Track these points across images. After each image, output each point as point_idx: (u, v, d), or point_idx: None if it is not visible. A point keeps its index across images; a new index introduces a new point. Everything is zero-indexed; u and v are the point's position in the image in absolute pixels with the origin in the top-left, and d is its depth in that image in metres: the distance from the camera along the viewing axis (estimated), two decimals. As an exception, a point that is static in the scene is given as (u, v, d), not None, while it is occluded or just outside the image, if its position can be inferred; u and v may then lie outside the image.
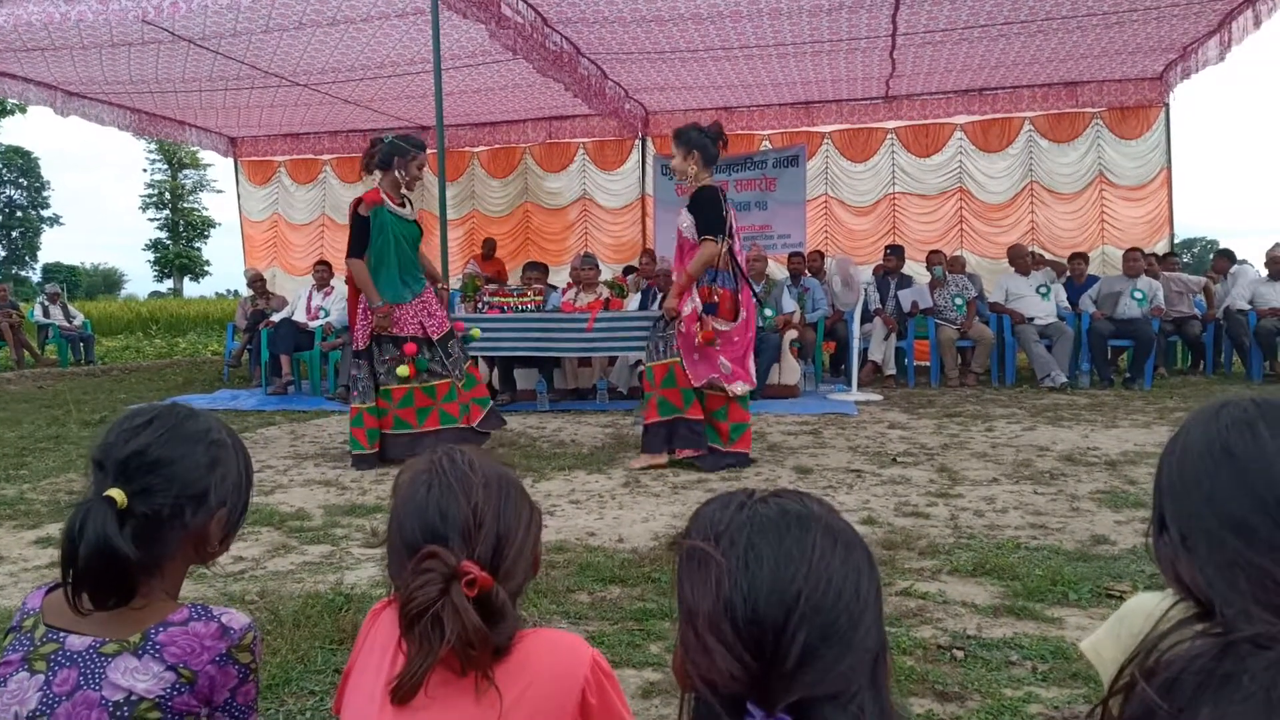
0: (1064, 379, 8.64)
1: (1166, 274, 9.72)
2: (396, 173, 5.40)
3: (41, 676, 1.18)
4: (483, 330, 7.89)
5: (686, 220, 5.12)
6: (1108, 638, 1.15)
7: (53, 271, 51.86)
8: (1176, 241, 11.34)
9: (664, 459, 5.23)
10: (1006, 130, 11.37)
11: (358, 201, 5.38)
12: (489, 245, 11.93)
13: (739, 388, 5.16)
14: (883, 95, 11.34)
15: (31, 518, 4.24)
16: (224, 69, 9.65)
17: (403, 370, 5.32)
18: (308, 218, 14.01)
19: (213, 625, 1.24)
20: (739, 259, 5.22)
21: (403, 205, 5.48)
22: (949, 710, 2.16)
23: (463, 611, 1.07)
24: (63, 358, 13.06)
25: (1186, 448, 0.96)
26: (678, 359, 5.14)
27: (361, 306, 5.44)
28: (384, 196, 5.37)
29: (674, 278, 5.33)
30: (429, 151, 5.53)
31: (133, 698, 1.17)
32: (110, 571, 1.17)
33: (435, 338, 5.46)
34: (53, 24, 7.51)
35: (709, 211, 5.04)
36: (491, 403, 5.88)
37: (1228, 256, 10.42)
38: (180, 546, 1.29)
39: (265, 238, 14.21)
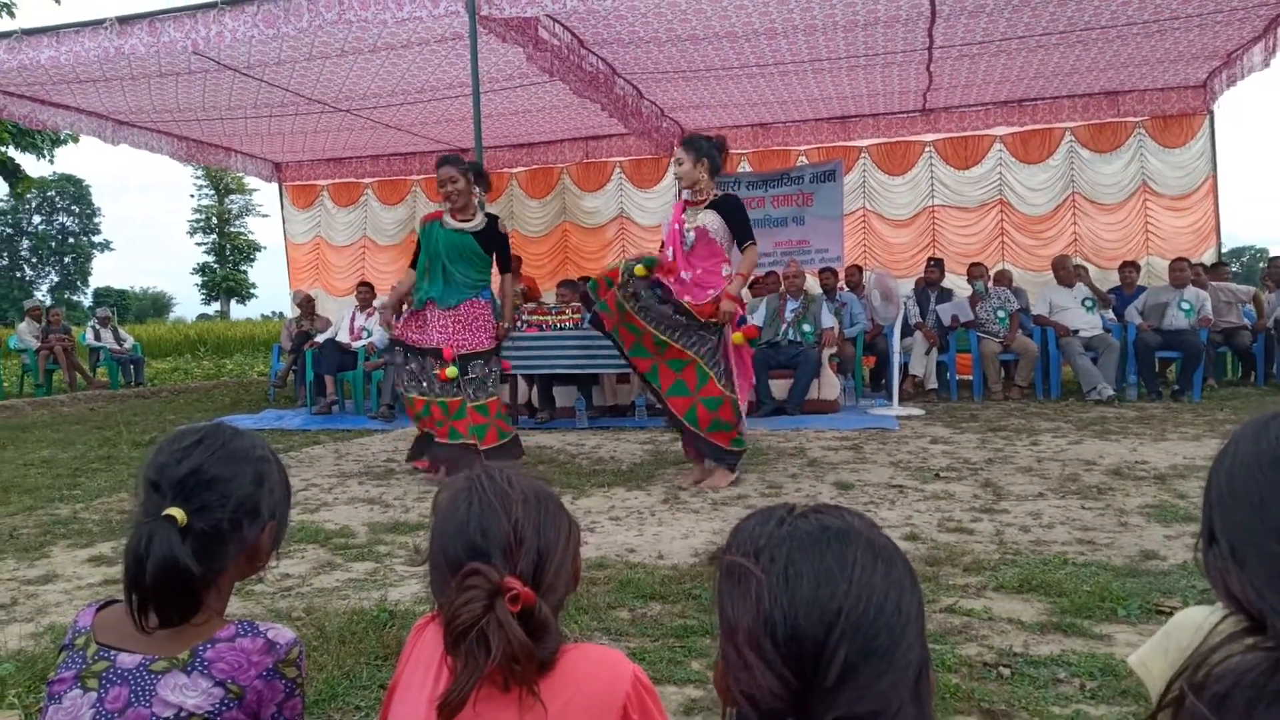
0: (1110, 392, 8.49)
1: (1215, 284, 9.53)
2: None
3: (95, 694, 1.20)
4: (522, 348, 7.97)
5: (715, 221, 5.10)
6: (1155, 652, 1.13)
7: (103, 296, 53.12)
8: (1224, 251, 11.11)
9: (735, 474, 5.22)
10: (1047, 141, 11.24)
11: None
12: (516, 265, 11.99)
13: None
14: (920, 108, 11.28)
15: (85, 536, 4.34)
16: (268, 96, 9.87)
17: (451, 371, 5.36)
18: (348, 240, 14.23)
19: (259, 641, 1.26)
20: None
21: (467, 220, 5.51)
22: (996, 729, 2.13)
23: (508, 627, 1.08)
24: (113, 380, 13.34)
25: (1236, 459, 0.95)
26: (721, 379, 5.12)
27: (410, 323, 5.59)
28: (443, 213, 5.54)
29: (681, 274, 5.17)
30: (447, 167, 5.51)
31: (183, 714, 1.19)
32: (177, 588, 1.21)
33: (457, 353, 5.41)
34: (106, 58, 7.74)
35: (744, 218, 5.14)
36: (514, 434, 5.65)
37: (1282, 265, 10.19)
38: (235, 560, 1.33)
39: (308, 260, 14.46)
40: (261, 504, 1.34)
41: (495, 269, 5.65)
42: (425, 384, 5.47)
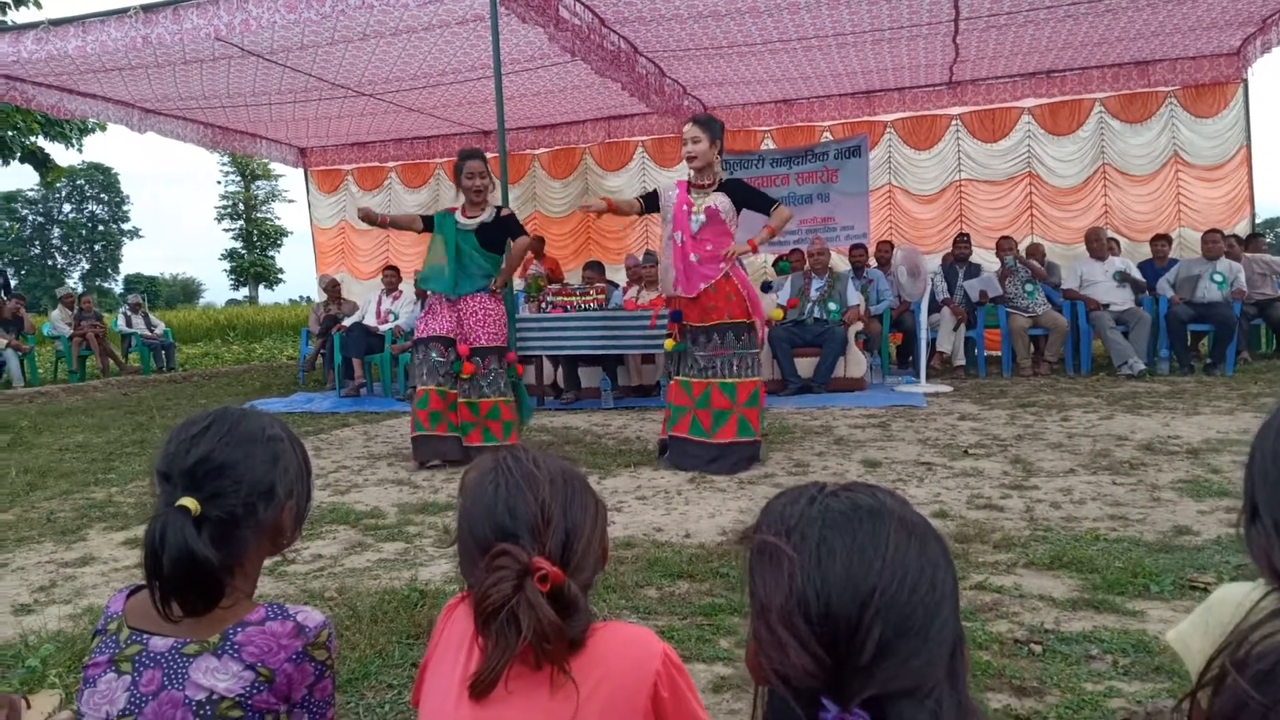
0: (1142, 366, 8.38)
1: (1249, 255, 9.36)
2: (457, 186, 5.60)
3: (129, 677, 1.21)
4: (547, 329, 7.98)
5: (725, 202, 5.09)
6: (1195, 629, 1.11)
7: (134, 282, 53.78)
8: (1259, 221, 10.89)
9: None
10: (1076, 112, 11.05)
11: None
12: (538, 244, 11.97)
13: None
14: (946, 81, 11.12)
15: (120, 519, 4.41)
16: (292, 82, 9.89)
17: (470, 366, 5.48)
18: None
19: (289, 624, 1.26)
20: None
21: (477, 214, 5.57)
22: (1027, 705, 2.12)
23: (537, 607, 1.09)
24: (145, 365, 13.51)
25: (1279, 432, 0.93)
26: (759, 378, 5.13)
27: (421, 315, 5.70)
28: (458, 209, 5.60)
29: (689, 256, 5.16)
30: (477, 161, 5.56)
31: (214, 697, 1.20)
32: (196, 578, 1.21)
33: (465, 345, 5.51)
34: (132, 47, 7.78)
35: (756, 192, 5.24)
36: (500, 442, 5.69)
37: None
38: (256, 543, 1.32)
39: (334, 244, 14.55)
40: (277, 484, 1.32)
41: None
42: (442, 373, 5.52)
